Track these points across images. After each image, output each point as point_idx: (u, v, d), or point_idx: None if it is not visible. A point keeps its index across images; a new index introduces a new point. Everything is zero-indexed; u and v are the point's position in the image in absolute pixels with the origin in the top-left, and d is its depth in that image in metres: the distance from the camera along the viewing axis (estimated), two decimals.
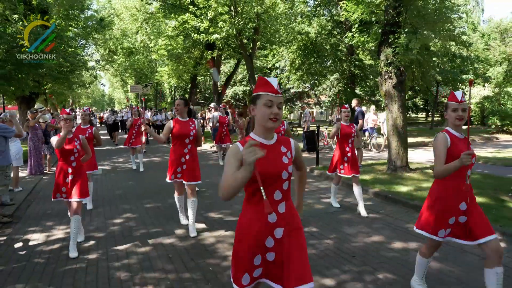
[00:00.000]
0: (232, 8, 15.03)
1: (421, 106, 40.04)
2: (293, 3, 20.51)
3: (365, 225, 5.26)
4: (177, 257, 4.19)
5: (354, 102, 10.42)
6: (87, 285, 3.57)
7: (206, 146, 15.80)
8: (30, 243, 4.80)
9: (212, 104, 16.02)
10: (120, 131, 23.19)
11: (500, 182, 7.43)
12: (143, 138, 11.14)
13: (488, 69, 33.79)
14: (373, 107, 14.12)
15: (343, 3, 9.07)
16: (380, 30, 8.66)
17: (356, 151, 6.18)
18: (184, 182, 4.90)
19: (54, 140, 4.28)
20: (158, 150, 15.52)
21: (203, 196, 7.10)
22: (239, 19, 14.50)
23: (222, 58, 23.33)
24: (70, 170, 4.43)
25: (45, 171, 10.37)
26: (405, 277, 3.60)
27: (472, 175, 8.73)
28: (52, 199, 4.48)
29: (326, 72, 25.15)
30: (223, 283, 3.54)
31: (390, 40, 8.35)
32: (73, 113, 16.94)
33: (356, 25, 8.94)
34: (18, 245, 4.75)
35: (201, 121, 21.87)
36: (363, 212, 5.68)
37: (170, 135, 4.88)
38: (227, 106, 18.66)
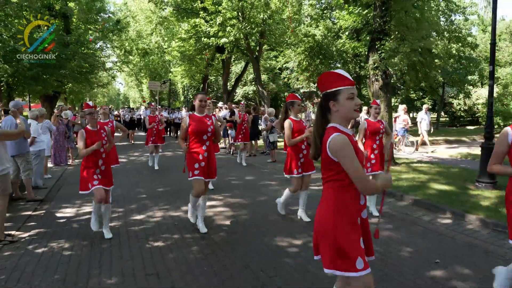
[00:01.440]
0: (239, 13, 16.07)
1: (430, 107, 40.48)
2: (300, 7, 21.41)
3: None
4: (182, 225, 5.27)
5: None
6: (112, 242, 4.66)
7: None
8: (66, 215, 5.94)
9: (220, 103, 17.10)
10: (136, 129, 23.28)
11: (472, 174, 8.29)
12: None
13: (497, 70, 34.05)
14: (403, 106, 13.27)
15: (336, 13, 10.02)
16: (368, 38, 9.59)
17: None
18: (204, 179, 4.79)
19: (81, 147, 4.48)
20: (169, 145, 16.66)
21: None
22: (246, 24, 15.54)
23: (232, 60, 24.36)
24: (101, 162, 4.63)
25: (68, 162, 11.57)
26: (380, 249, 4.59)
27: (453, 169, 9.52)
28: (83, 191, 4.56)
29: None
30: (216, 241, 4.61)
31: (376, 46, 9.28)
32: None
33: (347, 33, 9.88)
34: (57, 214, 5.91)
35: None
36: (375, 212, 5.64)
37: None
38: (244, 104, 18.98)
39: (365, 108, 14.32)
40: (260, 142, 15.23)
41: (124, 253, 4.27)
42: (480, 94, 31.79)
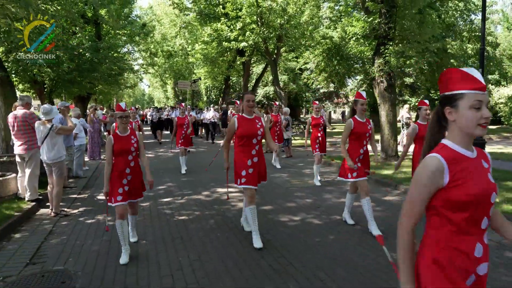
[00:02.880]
0: (258, 18, 17.05)
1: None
2: (319, 9, 22.15)
3: (340, 193, 7.14)
4: (201, 205, 6.31)
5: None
6: (145, 216, 5.72)
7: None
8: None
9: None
10: (164, 130, 22.45)
11: None
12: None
13: None
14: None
15: (345, 20, 10.83)
16: (374, 42, 10.36)
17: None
18: (253, 187, 4.41)
19: (107, 157, 4.08)
20: (195, 143, 17.76)
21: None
22: (264, 29, 16.51)
23: (252, 62, 25.36)
24: (128, 171, 4.11)
25: (101, 157, 12.84)
26: (362, 223, 5.49)
27: None
28: (109, 204, 4.16)
29: (352, 73, 26.55)
30: (229, 216, 5.63)
31: (381, 51, 10.06)
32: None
33: (354, 38, 10.69)
34: (99, 197, 7.05)
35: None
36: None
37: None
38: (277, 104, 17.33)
39: (406, 106, 13.84)
40: None
41: (154, 224, 5.33)
42: (502, 93, 31.64)
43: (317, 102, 9.13)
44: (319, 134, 8.26)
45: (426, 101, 5.25)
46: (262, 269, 3.80)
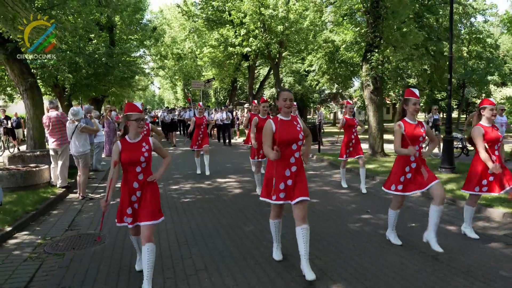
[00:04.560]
0: (261, 25, 18.22)
1: (455, 107, 41.22)
2: (321, 13, 23.18)
3: (323, 183, 8.24)
4: (203, 191, 7.52)
5: None
6: None
7: (240, 141, 19.07)
8: None
9: (246, 105, 19.24)
10: (178, 132, 21.88)
11: None
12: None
13: None
14: (502, 106, 10.76)
15: (336, 28, 11.92)
16: (362, 50, 11.44)
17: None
18: (290, 202, 3.70)
19: (112, 163, 3.48)
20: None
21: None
22: (266, 35, 17.67)
23: (257, 65, 26.50)
24: (136, 185, 3.47)
25: None
26: (334, 205, 6.60)
27: (434, 161, 10.91)
28: (117, 224, 3.54)
29: (355, 75, 27.50)
30: (225, 199, 6.80)
31: (368, 57, 11.12)
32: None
33: (344, 46, 11.78)
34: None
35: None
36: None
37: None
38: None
39: (434, 107, 13.57)
40: None
41: (164, 204, 6.47)
42: (504, 94, 32.29)
43: (350, 101, 8.15)
44: (352, 137, 7.45)
45: (492, 100, 4.47)
46: (245, 233, 4.96)
